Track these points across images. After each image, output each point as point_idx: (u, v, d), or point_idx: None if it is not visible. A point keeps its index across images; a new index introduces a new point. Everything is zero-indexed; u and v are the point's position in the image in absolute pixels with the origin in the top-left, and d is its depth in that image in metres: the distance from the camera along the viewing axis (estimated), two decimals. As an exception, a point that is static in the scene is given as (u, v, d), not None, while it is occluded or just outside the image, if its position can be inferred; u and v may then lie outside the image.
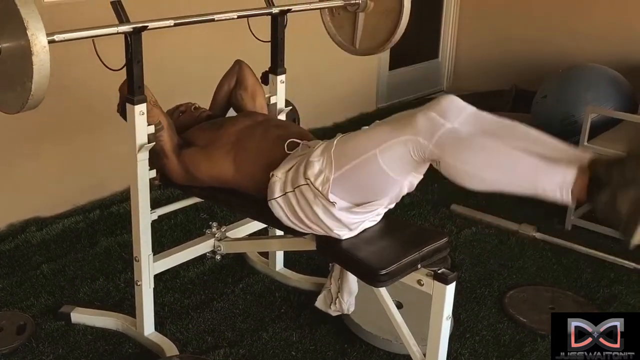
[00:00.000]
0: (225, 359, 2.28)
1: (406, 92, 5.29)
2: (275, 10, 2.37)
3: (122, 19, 1.91)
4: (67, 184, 3.23)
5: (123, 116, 2.14)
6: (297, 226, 1.95)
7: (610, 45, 4.49)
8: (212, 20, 2.15)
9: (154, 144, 2.09)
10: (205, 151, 2.13)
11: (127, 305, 2.50)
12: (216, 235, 2.43)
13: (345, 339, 2.39)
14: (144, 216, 2.17)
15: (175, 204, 2.38)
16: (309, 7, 2.51)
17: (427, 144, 1.67)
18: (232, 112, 2.49)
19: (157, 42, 2.41)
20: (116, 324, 2.41)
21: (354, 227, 1.91)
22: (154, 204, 2.23)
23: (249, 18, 2.29)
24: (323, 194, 1.81)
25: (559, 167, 1.61)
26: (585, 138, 3.12)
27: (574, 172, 1.59)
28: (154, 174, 2.16)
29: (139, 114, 2.02)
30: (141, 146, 2.06)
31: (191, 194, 2.32)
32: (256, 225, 2.55)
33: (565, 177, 1.59)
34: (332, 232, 1.90)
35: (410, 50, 5.00)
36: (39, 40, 1.57)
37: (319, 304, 2.33)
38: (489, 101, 4.95)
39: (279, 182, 1.91)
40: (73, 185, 3.26)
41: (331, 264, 2.30)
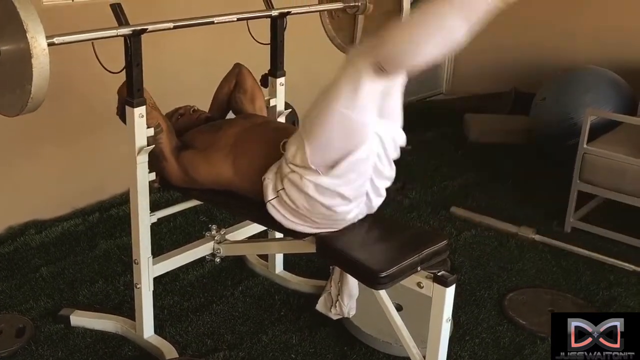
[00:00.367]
0: (224, 361, 2.28)
1: (405, 95, 5.22)
2: (274, 12, 2.37)
3: (122, 21, 1.91)
4: (66, 186, 3.23)
5: (122, 119, 2.14)
6: (298, 224, 1.94)
7: (609, 48, 4.49)
8: (212, 22, 2.15)
9: (153, 146, 2.09)
10: (204, 154, 2.12)
11: (127, 308, 2.50)
12: (216, 238, 2.43)
13: (345, 341, 2.39)
14: (144, 219, 2.17)
15: (175, 206, 2.38)
16: (309, 10, 2.52)
17: (367, 57, 1.72)
18: (232, 115, 2.49)
19: (157, 45, 2.41)
20: (115, 326, 2.41)
21: (351, 196, 1.86)
22: (154, 207, 2.23)
23: (248, 21, 2.29)
24: (305, 165, 1.81)
25: None
26: (585, 140, 3.12)
27: None
28: (153, 176, 2.16)
29: (138, 116, 2.02)
30: (141, 149, 2.06)
31: (191, 197, 2.32)
32: (256, 228, 2.55)
33: None
34: (335, 213, 1.86)
35: (410, 52, 4.99)
36: (38, 43, 1.58)
37: (320, 307, 2.33)
38: (488, 104, 4.98)
39: (270, 183, 1.91)
40: (72, 188, 3.25)
41: (332, 267, 2.29)
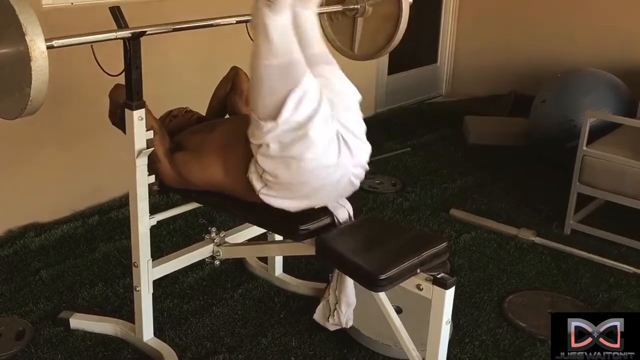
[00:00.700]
0: (224, 364, 2.28)
1: (405, 97, 5.30)
2: (274, 15, 2.37)
3: (121, 24, 1.91)
4: (65, 189, 3.23)
5: (114, 123, 2.15)
6: (290, 200, 1.95)
7: (608, 50, 4.49)
8: (211, 25, 2.15)
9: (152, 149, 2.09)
10: (196, 155, 2.12)
11: (126, 310, 2.50)
12: (215, 241, 2.43)
13: (345, 344, 2.38)
14: (143, 222, 2.17)
15: (174, 209, 2.38)
16: (308, 13, 2.51)
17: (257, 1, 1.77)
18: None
19: (156, 48, 2.41)
20: (115, 329, 2.41)
21: (314, 136, 1.85)
22: (153, 210, 2.23)
23: (247, 23, 2.29)
24: (259, 127, 1.85)
25: None
26: (584, 142, 3.12)
27: None
28: (152, 179, 2.16)
29: (137, 119, 2.02)
30: (140, 151, 2.06)
31: (189, 199, 2.32)
32: (255, 231, 2.55)
33: None
34: (306, 161, 1.85)
35: (409, 55, 5.00)
36: (37, 46, 1.57)
37: (317, 317, 2.33)
38: (487, 106, 4.98)
39: (253, 175, 1.94)
40: (72, 191, 3.25)
41: (330, 275, 2.29)
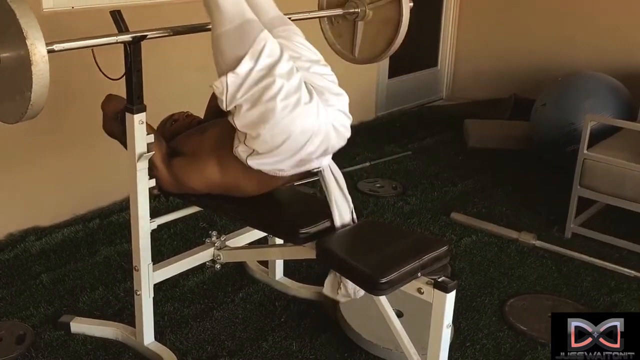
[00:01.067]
0: (225, 368, 2.28)
1: (405, 101, 5.30)
2: (274, 18, 2.37)
3: (122, 28, 1.91)
4: (66, 193, 3.23)
5: (108, 133, 2.16)
6: (279, 159, 1.95)
7: (609, 53, 4.50)
8: (211, 28, 2.14)
9: (153, 153, 2.09)
10: (192, 159, 2.12)
11: (127, 314, 2.50)
12: (216, 244, 2.43)
13: (345, 348, 2.38)
14: (144, 225, 2.17)
15: (175, 213, 2.38)
16: (308, 16, 2.52)
17: None
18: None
19: (156, 51, 2.42)
20: (116, 333, 2.40)
21: (279, 78, 1.87)
22: (154, 213, 2.23)
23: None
24: (224, 82, 1.93)
25: None
26: (585, 146, 3.12)
27: None
28: (153, 183, 2.16)
29: (138, 123, 2.02)
30: (140, 155, 2.06)
31: (190, 203, 2.32)
32: (256, 234, 2.55)
33: None
34: (276, 103, 1.86)
35: (410, 58, 5.01)
36: (38, 50, 1.58)
37: (327, 289, 2.24)
38: (488, 109, 4.98)
39: (240, 147, 1.97)
40: (72, 195, 3.25)
41: None
